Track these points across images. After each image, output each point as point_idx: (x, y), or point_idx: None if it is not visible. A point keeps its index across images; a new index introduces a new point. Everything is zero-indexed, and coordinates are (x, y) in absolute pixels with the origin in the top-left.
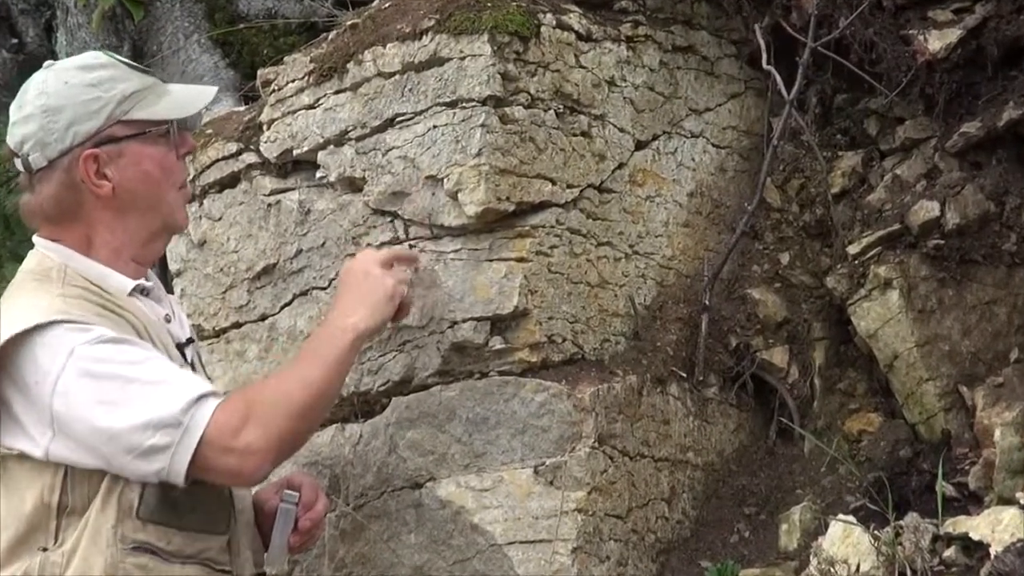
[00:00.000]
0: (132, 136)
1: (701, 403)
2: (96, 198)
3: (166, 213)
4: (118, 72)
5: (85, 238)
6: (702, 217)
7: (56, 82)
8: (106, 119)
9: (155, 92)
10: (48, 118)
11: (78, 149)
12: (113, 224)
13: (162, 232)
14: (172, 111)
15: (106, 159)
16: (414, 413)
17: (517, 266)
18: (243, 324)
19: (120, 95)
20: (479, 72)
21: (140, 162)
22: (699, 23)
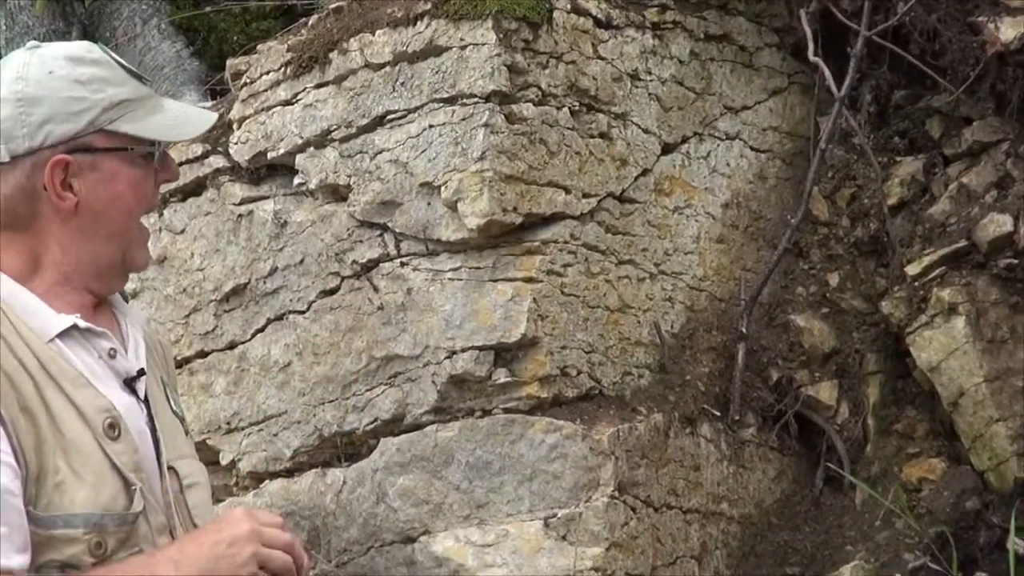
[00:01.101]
0: (111, 150)
1: (737, 446)
2: (55, 211)
3: (126, 246)
4: (112, 74)
5: (33, 254)
6: (739, 231)
7: (39, 69)
8: (87, 124)
9: (147, 106)
10: (22, 108)
11: (48, 151)
12: (68, 244)
13: (120, 267)
14: (162, 132)
15: (76, 169)
16: (406, 456)
17: (525, 287)
18: (209, 353)
19: (108, 101)
20: (482, 63)
21: (114, 181)
22: (736, 8)
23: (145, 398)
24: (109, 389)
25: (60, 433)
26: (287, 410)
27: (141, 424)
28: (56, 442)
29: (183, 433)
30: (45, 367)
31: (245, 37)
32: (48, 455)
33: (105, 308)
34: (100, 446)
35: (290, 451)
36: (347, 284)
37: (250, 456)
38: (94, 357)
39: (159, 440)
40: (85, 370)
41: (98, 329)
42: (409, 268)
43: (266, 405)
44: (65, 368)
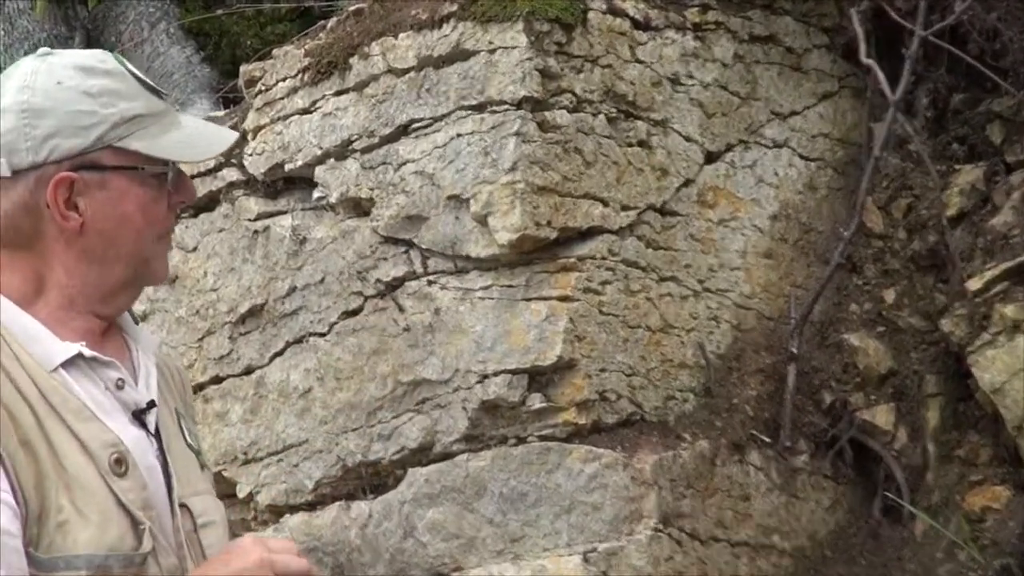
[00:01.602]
0: (121, 168)
1: (788, 474)
2: (59, 231)
3: (139, 263)
4: (124, 86)
5: (36, 275)
6: (788, 245)
7: (47, 78)
8: (95, 140)
9: (162, 122)
10: (26, 119)
11: (52, 167)
12: (73, 266)
13: (133, 283)
14: (176, 151)
15: (82, 187)
16: (435, 488)
17: (560, 306)
18: (224, 379)
19: (119, 116)
20: (512, 68)
21: (122, 202)
22: (782, 7)
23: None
24: (116, 422)
25: (63, 469)
26: (308, 439)
27: (151, 459)
28: (58, 479)
29: (198, 467)
30: (47, 399)
31: (259, 41)
32: (50, 493)
33: (114, 334)
34: (106, 483)
35: (312, 483)
36: (371, 304)
37: (269, 488)
38: (100, 388)
39: (171, 476)
40: (90, 402)
41: (104, 358)
42: (437, 287)
43: (286, 434)
44: (68, 400)
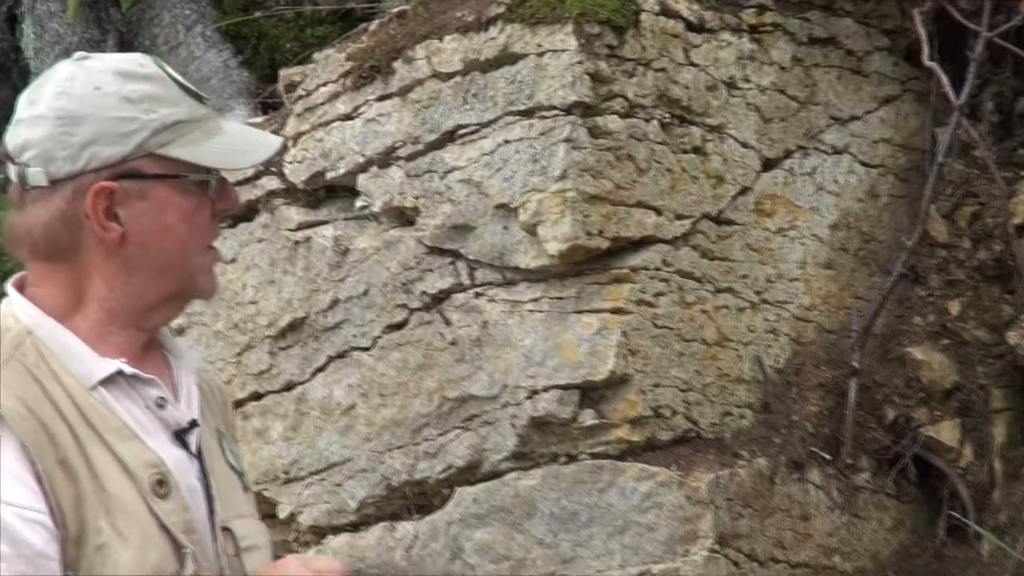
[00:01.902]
0: (162, 177)
1: (850, 493)
2: (99, 242)
3: (184, 277)
4: (165, 91)
5: (75, 288)
6: (848, 255)
7: (85, 84)
8: (135, 147)
9: (204, 128)
10: (63, 127)
11: (91, 176)
12: (113, 279)
13: (177, 297)
14: (220, 159)
15: (122, 197)
16: (483, 507)
17: (613, 319)
18: (264, 395)
19: (160, 122)
20: (562, 72)
21: (164, 211)
22: (843, 8)
23: (198, 451)
24: (157, 442)
25: (102, 490)
26: (351, 457)
27: (192, 480)
28: (98, 500)
29: (241, 489)
30: (86, 418)
31: (299, 45)
32: (89, 514)
33: (155, 350)
34: (147, 505)
35: (355, 503)
36: (416, 317)
37: (311, 509)
38: (140, 407)
39: (213, 498)
40: (131, 421)
41: (145, 376)
42: (484, 299)
43: (328, 452)
44: (108, 419)
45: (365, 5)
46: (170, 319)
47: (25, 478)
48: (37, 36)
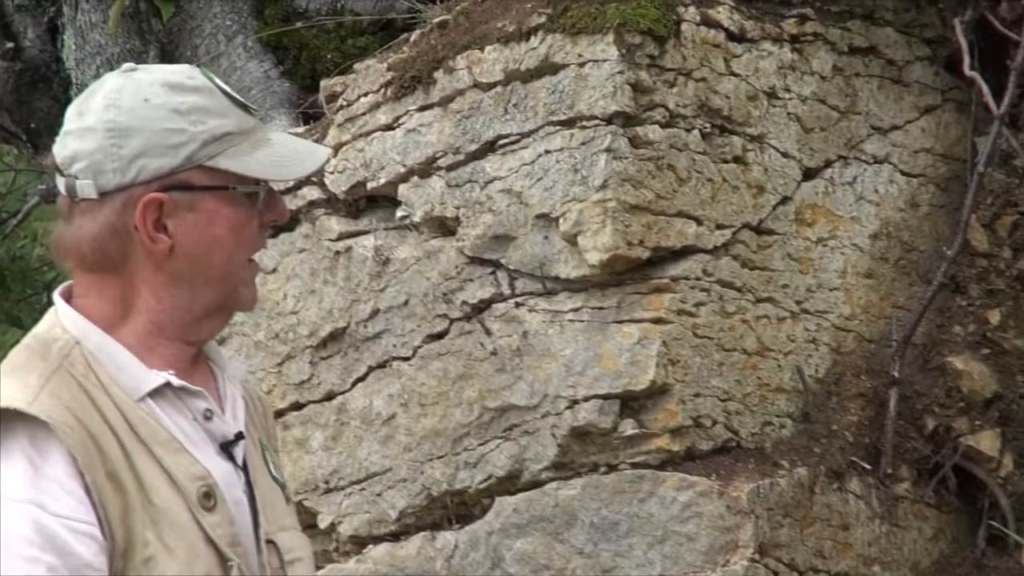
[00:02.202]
0: (211, 188)
1: (890, 503)
2: (148, 254)
3: (228, 289)
4: (214, 103)
5: (123, 299)
6: (889, 265)
7: (133, 96)
8: (184, 159)
9: (252, 139)
10: (113, 139)
11: (141, 188)
12: (161, 291)
13: (222, 310)
14: (269, 170)
15: (171, 209)
16: (524, 517)
17: (653, 329)
18: (304, 405)
19: (209, 134)
20: (603, 82)
21: (213, 223)
22: (883, 18)
23: (243, 464)
24: (204, 454)
25: (150, 503)
26: (392, 467)
27: (238, 493)
28: (145, 512)
29: (284, 501)
30: (135, 430)
31: (340, 55)
32: (136, 526)
33: (201, 361)
34: (194, 517)
35: (395, 512)
36: (456, 327)
37: (351, 518)
38: (188, 419)
39: (257, 511)
40: (178, 433)
41: (193, 388)
42: (525, 309)
43: (368, 462)
44: (156, 431)
45: (406, 15)
46: (216, 332)
47: (74, 490)
48: (78, 47)
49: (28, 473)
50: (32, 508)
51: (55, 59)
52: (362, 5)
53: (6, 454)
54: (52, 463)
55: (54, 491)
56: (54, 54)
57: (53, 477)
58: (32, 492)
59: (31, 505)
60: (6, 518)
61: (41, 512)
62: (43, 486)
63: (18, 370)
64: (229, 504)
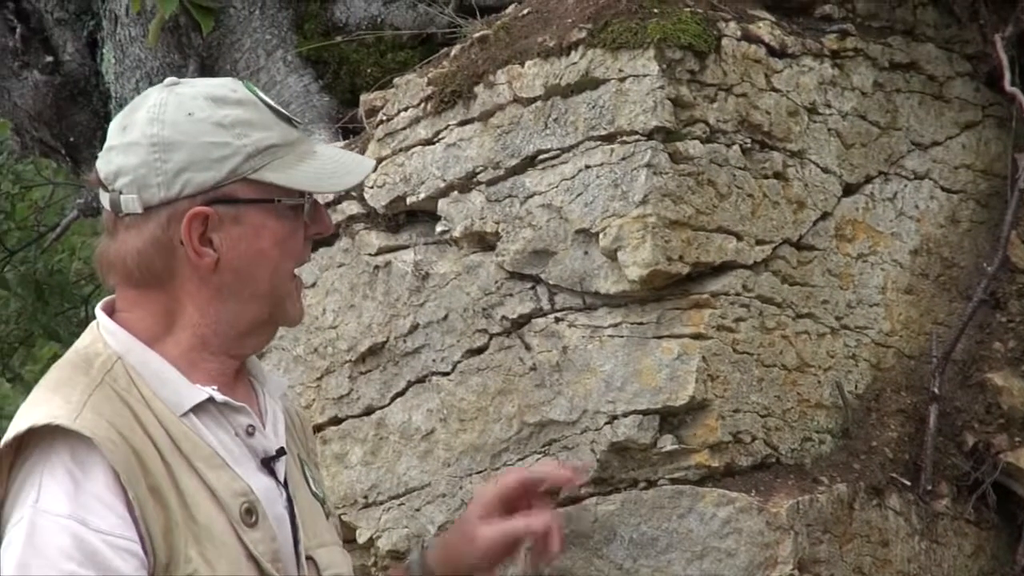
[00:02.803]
0: (256, 201)
1: (929, 519)
2: (193, 268)
3: (274, 303)
4: (258, 116)
5: (167, 313)
6: (929, 281)
7: (177, 110)
8: (229, 172)
9: (297, 151)
10: (157, 154)
11: (186, 202)
12: (206, 305)
13: (267, 323)
14: (313, 182)
15: (217, 222)
16: (563, 532)
17: (693, 344)
18: (343, 419)
19: (253, 147)
20: (643, 97)
21: (259, 236)
22: (924, 33)
23: (284, 480)
24: (246, 470)
25: (192, 519)
26: (431, 482)
27: (279, 509)
28: (188, 528)
29: (323, 517)
30: (177, 445)
31: (380, 70)
32: (179, 542)
33: (242, 376)
34: (236, 533)
35: (434, 527)
36: (496, 342)
37: (390, 533)
38: (230, 434)
39: (297, 527)
40: (220, 449)
41: (236, 403)
42: (564, 324)
43: (407, 477)
44: (199, 446)
45: (446, 30)
46: (261, 347)
47: (115, 505)
48: (118, 61)
49: (70, 489)
50: (73, 523)
51: (94, 73)
52: (402, 19)
53: (49, 469)
54: (94, 479)
55: (95, 507)
56: (93, 68)
57: (95, 493)
58: (73, 507)
59: (72, 520)
60: (47, 533)
61: (82, 528)
62: (84, 502)
63: (61, 385)
64: (271, 520)
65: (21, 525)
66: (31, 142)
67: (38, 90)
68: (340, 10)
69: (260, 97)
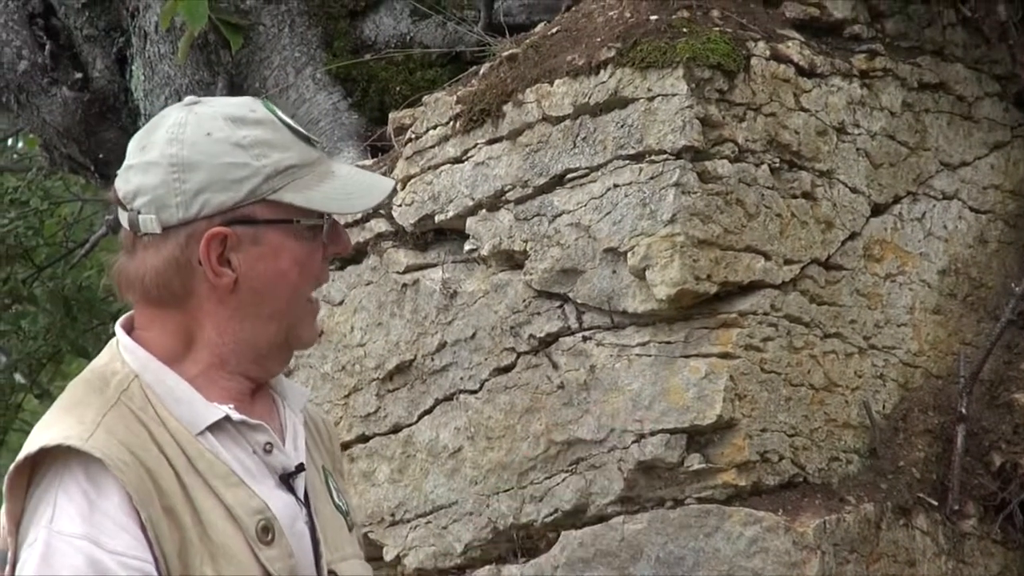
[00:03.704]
0: (275, 222)
1: (956, 539)
2: (211, 288)
3: (290, 325)
4: (277, 136)
5: (185, 333)
6: (957, 301)
7: (196, 130)
8: (248, 193)
9: (316, 172)
10: (176, 174)
11: (204, 222)
12: (224, 325)
13: (284, 347)
14: (333, 203)
15: (235, 243)
16: (589, 551)
17: (721, 364)
18: (371, 437)
19: (273, 168)
20: (672, 116)
21: (277, 257)
22: (953, 54)
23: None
24: (263, 487)
25: (207, 537)
26: (458, 500)
27: (300, 525)
28: (203, 547)
29: (346, 529)
30: (192, 463)
31: (409, 88)
32: (194, 561)
33: (263, 391)
34: (252, 551)
35: (461, 545)
36: (523, 361)
37: (417, 551)
38: (247, 452)
39: (319, 541)
40: (237, 466)
41: (252, 422)
42: (592, 343)
43: (434, 495)
44: (215, 465)
45: (475, 48)
46: (278, 370)
47: (129, 526)
48: (147, 78)
49: (84, 509)
50: (86, 544)
51: (123, 90)
52: (431, 37)
53: (63, 489)
54: (108, 499)
55: (109, 527)
56: (123, 85)
57: (109, 513)
58: (87, 528)
59: (86, 541)
60: (61, 554)
61: (95, 548)
62: (98, 522)
63: (75, 405)
64: (288, 538)
65: (36, 546)
66: (60, 158)
67: (67, 106)
68: (369, 28)
69: (279, 116)
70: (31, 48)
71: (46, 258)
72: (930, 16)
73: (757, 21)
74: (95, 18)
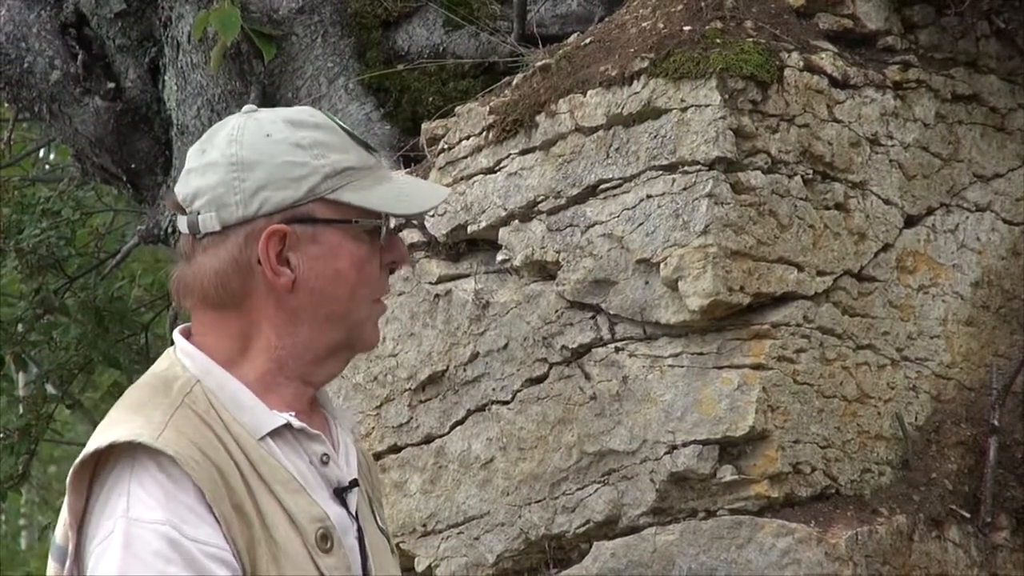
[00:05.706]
0: (333, 221)
1: (989, 551)
2: (270, 289)
3: (352, 327)
4: (335, 139)
5: (243, 336)
6: (990, 313)
7: (255, 132)
8: (307, 192)
9: (373, 175)
10: (235, 173)
11: (263, 220)
12: (283, 327)
13: (343, 348)
14: (391, 204)
15: (294, 241)
16: (621, 562)
17: (753, 375)
18: (403, 448)
19: (331, 168)
20: (705, 127)
21: (336, 257)
22: (987, 65)
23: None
24: (320, 498)
25: (271, 539)
26: (490, 511)
27: (351, 540)
28: (268, 548)
29: (389, 552)
30: (256, 467)
31: (441, 98)
32: (261, 561)
33: (316, 408)
34: (311, 558)
35: (493, 556)
36: (556, 371)
37: (449, 562)
38: (305, 461)
39: (367, 557)
40: (296, 474)
41: (312, 431)
42: (625, 354)
43: (466, 505)
44: (277, 470)
45: (508, 59)
46: (335, 373)
47: (206, 517)
48: (179, 88)
49: (161, 497)
50: (168, 528)
51: (156, 100)
52: (464, 48)
53: (137, 480)
54: (183, 491)
55: (188, 516)
56: (155, 95)
57: (186, 503)
58: (166, 514)
59: (167, 526)
60: (142, 540)
61: (177, 533)
62: (176, 509)
63: (142, 406)
64: (344, 549)
65: (114, 536)
66: (92, 168)
67: (99, 116)
68: (402, 38)
69: (337, 123)
70: (64, 58)
71: (78, 268)
72: (963, 28)
73: (790, 32)
74: (128, 28)
